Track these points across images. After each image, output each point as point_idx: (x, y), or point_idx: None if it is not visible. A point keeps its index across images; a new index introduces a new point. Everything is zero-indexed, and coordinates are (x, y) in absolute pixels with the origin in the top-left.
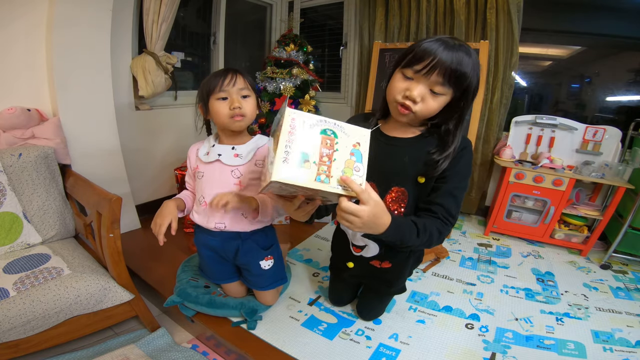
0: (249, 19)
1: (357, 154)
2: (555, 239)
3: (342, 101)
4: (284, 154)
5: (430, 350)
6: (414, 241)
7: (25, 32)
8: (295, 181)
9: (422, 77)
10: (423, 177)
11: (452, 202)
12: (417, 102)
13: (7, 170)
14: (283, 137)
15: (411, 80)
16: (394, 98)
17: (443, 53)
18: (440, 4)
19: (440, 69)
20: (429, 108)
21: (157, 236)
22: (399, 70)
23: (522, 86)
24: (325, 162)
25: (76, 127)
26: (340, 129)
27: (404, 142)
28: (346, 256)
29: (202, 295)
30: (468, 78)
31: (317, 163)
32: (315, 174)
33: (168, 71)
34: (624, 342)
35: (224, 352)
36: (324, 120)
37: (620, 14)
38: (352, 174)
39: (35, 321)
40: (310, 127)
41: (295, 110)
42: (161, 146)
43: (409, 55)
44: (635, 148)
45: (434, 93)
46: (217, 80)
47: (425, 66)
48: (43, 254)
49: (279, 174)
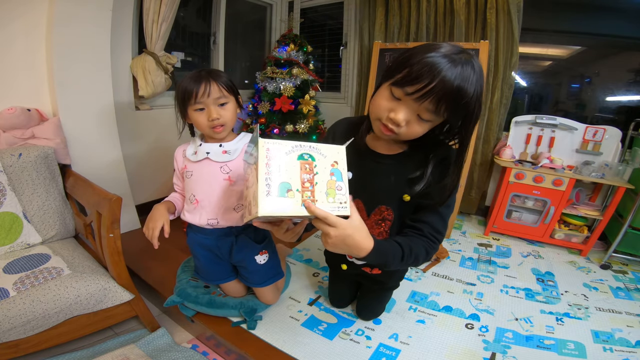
0: (249, 19)
1: (336, 173)
2: (555, 239)
3: (342, 101)
4: (266, 187)
5: (430, 350)
6: (397, 265)
7: (25, 31)
8: (282, 212)
9: (413, 100)
10: (408, 196)
11: (439, 220)
12: (401, 127)
13: (7, 170)
14: (262, 170)
15: (398, 101)
16: (378, 116)
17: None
18: (440, 4)
19: (436, 96)
20: (412, 132)
21: (152, 240)
22: (388, 85)
23: (522, 86)
24: (307, 187)
25: (76, 127)
26: (317, 151)
27: (390, 159)
28: (340, 258)
29: (202, 295)
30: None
31: (300, 190)
32: (300, 201)
33: (168, 71)
34: (624, 342)
35: (224, 352)
36: (299, 145)
37: (620, 14)
38: (336, 194)
39: (35, 321)
40: (286, 154)
41: (268, 139)
42: (161, 146)
43: (403, 72)
44: (635, 148)
45: (421, 118)
46: (192, 89)
47: (418, 90)
48: (43, 254)
49: (264, 209)
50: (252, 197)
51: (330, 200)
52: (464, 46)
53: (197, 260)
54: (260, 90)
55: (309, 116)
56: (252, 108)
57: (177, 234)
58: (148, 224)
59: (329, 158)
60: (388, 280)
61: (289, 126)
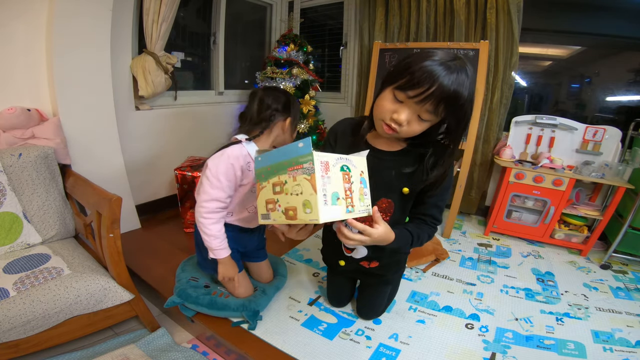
0: (249, 19)
1: (363, 181)
2: (555, 239)
3: (342, 101)
4: (323, 197)
5: (430, 350)
6: (407, 248)
7: (25, 31)
8: (334, 218)
9: (414, 102)
10: (407, 189)
11: (438, 212)
12: (402, 126)
13: (7, 170)
14: (319, 182)
15: (400, 103)
16: (381, 117)
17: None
18: (440, 4)
19: (435, 99)
20: (412, 131)
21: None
22: (391, 89)
23: (522, 86)
24: (348, 195)
25: (76, 127)
26: (350, 162)
27: (391, 155)
28: (338, 255)
29: (202, 296)
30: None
31: (344, 198)
32: (345, 207)
33: (168, 71)
34: (624, 342)
35: (224, 352)
36: (339, 158)
37: (620, 14)
38: (364, 199)
39: (35, 321)
40: (333, 166)
41: (319, 152)
42: (161, 146)
43: (405, 77)
44: (635, 148)
45: (420, 118)
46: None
47: (420, 94)
48: (43, 254)
49: (324, 217)
50: (302, 204)
51: (361, 204)
52: (464, 46)
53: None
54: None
55: (309, 116)
56: None
57: (177, 234)
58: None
59: (357, 169)
60: (386, 273)
61: None
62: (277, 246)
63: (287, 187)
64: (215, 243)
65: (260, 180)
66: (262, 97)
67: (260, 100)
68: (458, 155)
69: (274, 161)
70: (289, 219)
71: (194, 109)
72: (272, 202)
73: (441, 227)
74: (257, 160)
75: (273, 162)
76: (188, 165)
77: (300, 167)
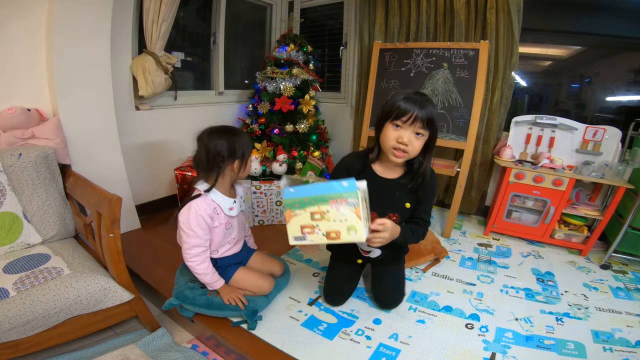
0: (249, 19)
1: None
2: (555, 239)
3: (342, 101)
4: (364, 222)
5: (430, 350)
6: (410, 241)
7: (25, 32)
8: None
9: (409, 125)
10: (409, 203)
11: (427, 215)
12: (408, 146)
13: (7, 170)
14: (362, 211)
15: (400, 129)
16: (390, 144)
17: (419, 109)
18: (440, 4)
19: (421, 119)
20: (415, 148)
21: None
22: (390, 122)
23: (522, 86)
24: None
25: (76, 127)
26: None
27: (393, 181)
28: (355, 255)
29: (199, 297)
30: (435, 124)
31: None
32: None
33: (168, 71)
34: (624, 342)
35: (224, 352)
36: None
37: (620, 14)
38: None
39: (35, 321)
40: (364, 199)
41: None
42: (161, 146)
43: (395, 112)
44: (635, 148)
45: (417, 135)
46: None
47: (409, 117)
48: (43, 254)
49: (365, 236)
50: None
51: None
52: (464, 46)
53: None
54: (260, 90)
55: (309, 116)
56: (252, 108)
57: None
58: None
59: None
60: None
61: (289, 126)
62: (277, 246)
63: (329, 216)
64: (207, 279)
65: (292, 209)
66: (207, 144)
67: (205, 148)
68: (458, 156)
69: (311, 194)
70: (330, 240)
71: (194, 109)
72: (311, 227)
73: (441, 227)
74: (288, 192)
75: (310, 195)
76: (188, 165)
77: (345, 200)
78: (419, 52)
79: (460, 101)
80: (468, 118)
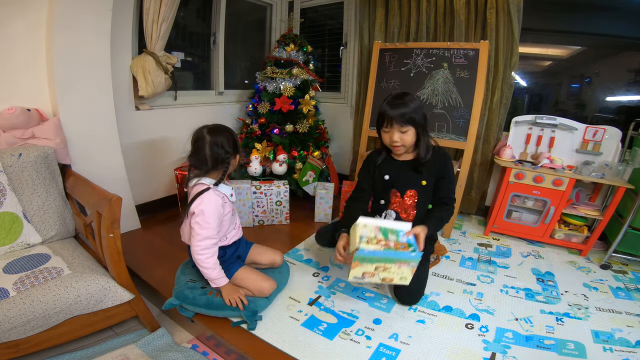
0: (249, 19)
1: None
2: (555, 239)
3: (342, 101)
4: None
5: (430, 350)
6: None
7: (26, 32)
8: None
9: (391, 127)
10: (425, 181)
11: (452, 191)
12: (399, 142)
13: (7, 170)
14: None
15: (388, 132)
16: (387, 144)
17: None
18: (440, 4)
19: (395, 121)
20: (407, 141)
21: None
22: (381, 129)
23: (522, 86)
24: None
25: (76, 127)
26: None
27: (408, 162)
28: None
29: (199, 297)
30: (414, 117)
31: None
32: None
33: (168, 71)
34: (624, 342)
35: (224, 352)
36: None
37: (620, 14)
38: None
39: (35, 321)
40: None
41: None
42: (161, 146)
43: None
44: (635, 148)
45: (402, 132)
46: None
47: (387, 123)
48: (43, 254)
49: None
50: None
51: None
52: (464, 46)
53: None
54: (260, 90)
55: (309, 116)
56: (252, 108)
57: (177, 234)
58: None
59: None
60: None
61: (289, 126)
62: (277, 246)
63: (390, 270)
64: (214, 274)
65: (361, 262)
66: (212, 142)
67: (211, 145)
68: (458, 155)
69: (382, 256)
70: (383, 281)
71: (194, 109)
72: (371, 274)
73: None
74: (362, 251)
75: (381, 257)
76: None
77: (407, 263)
78: (419, 52)
79: (460, 101)
80: (468, 118)
